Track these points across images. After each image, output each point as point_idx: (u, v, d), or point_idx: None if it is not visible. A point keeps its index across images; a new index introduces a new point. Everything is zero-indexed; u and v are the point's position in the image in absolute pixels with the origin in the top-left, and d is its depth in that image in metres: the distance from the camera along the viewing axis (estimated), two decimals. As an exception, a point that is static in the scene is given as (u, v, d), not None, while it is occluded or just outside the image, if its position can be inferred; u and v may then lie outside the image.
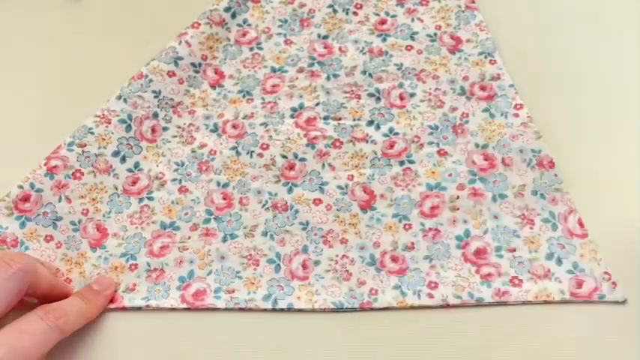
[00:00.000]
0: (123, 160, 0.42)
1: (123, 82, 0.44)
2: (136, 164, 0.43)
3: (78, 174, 0.41)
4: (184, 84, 0.46)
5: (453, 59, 0.47)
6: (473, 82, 0.46)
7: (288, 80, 0.47)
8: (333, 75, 0.47)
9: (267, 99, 0.46)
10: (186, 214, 0.41)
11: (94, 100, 0.44)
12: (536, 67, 0.47)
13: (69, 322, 0.33)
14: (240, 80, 0.47)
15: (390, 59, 0.48)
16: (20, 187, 0.39)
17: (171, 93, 0.45)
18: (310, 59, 0.48)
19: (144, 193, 0.42)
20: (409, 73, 0.47)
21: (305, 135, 0.44)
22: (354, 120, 0.45)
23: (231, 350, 0.36)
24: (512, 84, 0.45)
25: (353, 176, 0.42)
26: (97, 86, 0.45)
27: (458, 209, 0.41)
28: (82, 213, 0.40)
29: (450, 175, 0.42)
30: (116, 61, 0.48)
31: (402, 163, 0.43)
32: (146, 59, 0.46)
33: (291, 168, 0.43)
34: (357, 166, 0.43)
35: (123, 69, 0.45)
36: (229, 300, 0.37)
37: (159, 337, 0.37)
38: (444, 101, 0.45)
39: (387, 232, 0.40)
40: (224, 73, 0.48)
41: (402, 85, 0.46)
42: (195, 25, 0.48)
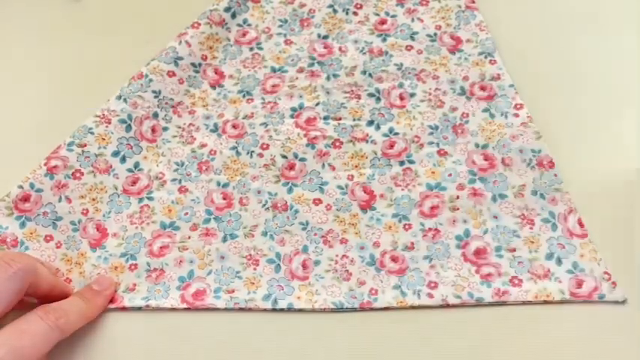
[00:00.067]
0: (123, 160, 0.42)
1: (123, 82, 0.44)
2: (136, 164, 0.43)
3: (78, 174, 0.41)
4: (184, 84, 0.46)
5: (453, 59, 0.47)
6: (473, 82, 0.46)
7: (288, 80, 0.47)
8: (333, 75, 0.47)
9: (267, 99, 0.46)
10: (186, 214, 0.41)
11: (94, 100, 0.44)
12: (536, 67, 0.47)
13: (69, 322, 0.33)
14: (240, 80, 0.47)
15: (390, 59, 0.48)
16: (20, 187, 0.39)
17: (171, 93, 0.45)
18: (310, 59, 0.48)
19: (144, 193, 0.42)
20: (409, 73, 0.47)
21: (305, 135, 0.44)
22: (354, 120, 0.45)
23: (231, 350, 0.36)
24: (512, 84, 0.45)
25: (353, 176, 0.42)
26: (97, 86, 0.45)
27: (458, 209, 0.41)
28: (82, 213, 0.40)
29: (450, 175, 0.42)
30: (116, 61, 0.48)
31: (402, 163, 0.43)
32: (146, 59, 0.46)
33: (291, 168, 0.43)
34: (357, 166, 0.43)
35: (123, 69, 0.45)
36: (229, 300, 0.37)
37: (159, 337, 0.37)
38: (444, 101, 0.45)
39: (387, 232, 0.40)
40: (224, 73, 0.48)
41: (402, 85, 0.46)
42: (195, 25, 0.48)
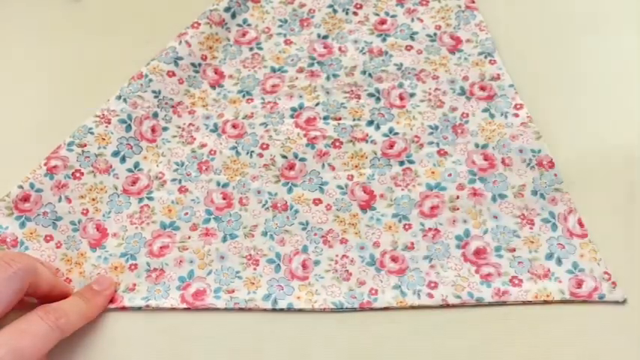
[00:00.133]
0: (123, 160, 0.42)
1: (123, 82, 0.44)
2: (136, 164, 0.43)
3: (78, 174, 0.41)
4: (184, 84, 0.46)
5: (452, 59, 0.47)
6: (473, 82, 0.46)
7: (288, 80, 0.47)
8: (333, 75, 0.47)
9: (267, 99, 0.46)
10: (186, 214, 0.41)
11: (94, 100, 0.44)
12: (536, 67, 0.47)
13: (69, 322, 0.33)
14: (240, 80, 0.47)
15: (390, 59, 0.48)
16: (20, 187, 0.39)
17: (171, 93, 0.45)
18: (310, 59, 0.48)
19: (144, 193, 0.42)
20: (409, 73, 0.47)
21: (305, 135, 0.44)
22: (353, 120, 0.45)
23: (231, 350, 0.36)
24: (512, 84, 0.45)
25: (353, 176, 0.42)
26: (97, 86, 0.45)
27: (458, 209, 0.41)
28: (82, 213, 0.40)
29: (450, 175, 0.42)
30: (116, 61, 0.48)
31: (401, 163, 0.43)
32: (146, 59, 0.46)
33: (291, 168, 0.43)
34: (356, 166, 0.43)
35: (123, 69, 0.45)
36: (229, 300, 0.37)
37: (159, 337, 0.37)
38: (443, 101, 0.45)
39: (387, 232, 0.40)
40: (224, 73, 0.48)
41: (401, 85, 0.46)
42: (195, 25, 0.48)
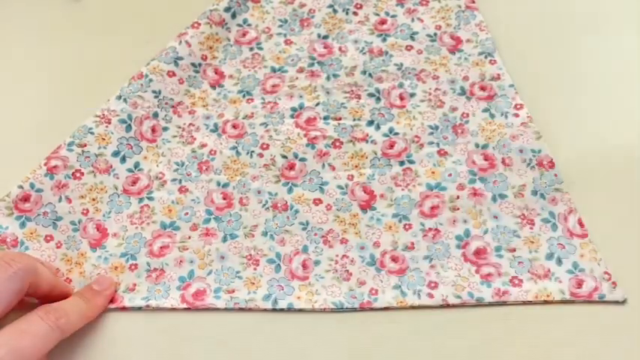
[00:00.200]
0: (123, 160, 0.42)
1: (123, 82, 0.44)
2: (136, 164, 0.43)
3: (78, 174, 0.41)
4: (184, 84, 0.46)
5: (453, 59, 0.47)
6: (473, 82, 0.46)
7: (288, 80, 0.47)
8: (333, 75, 0.47)
9: (267, 99, 0.46)
10: (187, 214, 0.41)
11: (94, 100, 0.44)
12: (536, 67, 0.47)
13: (69, 323, 0.33)
14: (240, 80, 0.47)
15: (390, 59, 0.48)
16: (20, 187, 0.39)
17: (172, 93, 0.45)
18: (310, 59, 0.48)
19: (144, 193, 0.42)
20: (409, 73, 0.47)
21: (305, 135, 0.44)
22: (354, 120, 0.45)
23: (231, 350, 0.36)
24: (512, 84, 0.45)
25: (353, 176, 0.42)
26: (97, 86, 0.45)
27: (458, 209, 0.41)
28: (82, 213, 0.40)
29: (450, 175, 0.42)
30: (116, 61, 0.48)
31: (402, 163, 0.43)
32: (146, 59, 0.46)
33: (291, 168, 0.43)
34: (357, 166, 0.43)
35: (123, 69, 0.45)
36: (229, 300, 0.37)
37: (159, 337, 0.37)
38: (444, 101, 0.45)
39: (387, 232, 0.40)
40: (224, 73, 0.48)
41: (402, 85, 0.46)
42: (195, 25, 0.48)
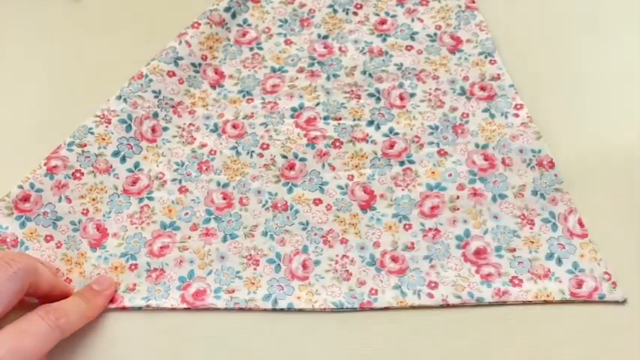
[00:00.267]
0: (123, 160, 0.42)
1: (123, 82, 0.44)
2: (136, 164, 0.43)
3: (78, 174, 0.41)
4: (184, 84, 0.46)
5: (453, 59, 0.47)
6: (473, 82, 0.46)
7: (288, 80, 0.47)
8: (333, 75, 0.47)
9: (267, 99, 0.46)
10: (187, 214, 0.41)
11: (94, 100, 0.44)
12: (536, 67, 0.47)
13: (70, 322, 0.33)
14: (240, 80, 0.47)
15: (390, 59, 0.48)
16: (20, 187, 0.39)
17: (172, 93, 0.45)
18: (310, 59, 0.48)
19: (144, 193, 0.42)
20: (409, 73, 0.47)
21: (305, 135, 0.44)
22: (354, 120, 0.45)
23: (231, 350, 0.36)
24: (512, 84, 0.45)
25: (353, 176, 0.42)
26: (97, 86, 0.45)
27: (458, 209, 0.41)
28: (82, 213, 0.40)
29: (450, 175, 0.42)
30: (116, 61, 0.48)
31: (402, 163, 0.43)
32: (146, 59, 0.46)
33: (291, 168, 0.43)
34: (357, 166, 0.43)
35: (123, 69, 0.45)
36: (229, 300, 0.37)
37: (159, 337, 0.37)
38: (444, 101, 0.45)
39: (387, 232, 0.40)
40: (224, 73, 0.48)
41: (402, 85, 0.46)
42: (195, 25, 0.48)
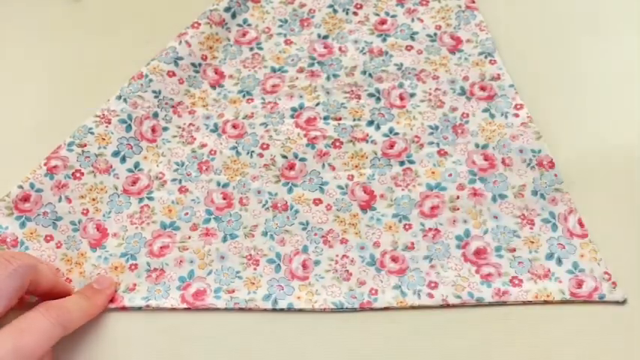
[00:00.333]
0: (123, 160, 0.42)
1: (123, 82, 0.44)
2: (136, 164, 0.43)
3: (78, 174, 0.41)
4: (184, 84, 0.46)
5: (453, 59, 0.47)
6: (473, 82, 0.46)
7: (288, 80, 0.47)
8: (333, 75, 0.47)
9: (267, 99, 0.46)
10: (187, 214, 0.41)
11: (94, 100, 0.44)
12: (536, 67, 0.47)
13: (71, 319, 0.33)
14: (240, 80, 0.47)
15: (390, 59, 0.48)
16: (20, 187, 0.39)
17: (172, 93, 0.45)
18: (310, 59, 0.48)
19: (144, 193, 0.42)
20: (409, 73, 0.47)
21: (305, 135, 0.44)
22: (354, 120, 0.45)
23: (231, 350, 0.36)
24: (512, 84, 0.45)
25: (353, 176, 0.42)
26: (97, 86, 0.45)
27: (458, 209, 0.41)
28: (82, 213, 0.40)
29: (450, 175, 0.42)
30: (116, 61, 0.48)
31: (402, 163, 0.43)
32: (146, 59, 0.46)
33: (291, 168, 0.43)
34: (357, 166, 0.43)
35: (123, 69, 0.45)
36: (229, 300, 0.37)
37: (159, 337, 0.37)
38: (444, 101, 0.45)
39: (387, 232, 0.40)
40: (224, 73, 0.48)
41: (402, 85, 0.46)
42: (195, 25, 0.48)
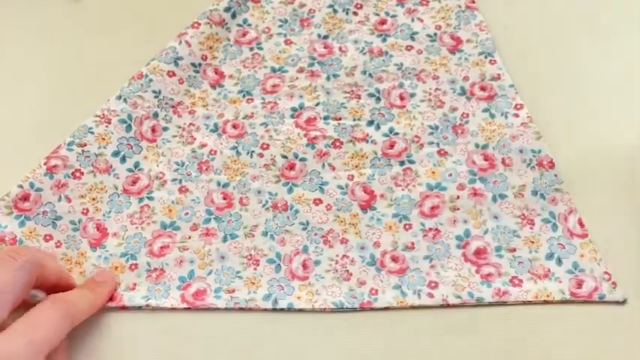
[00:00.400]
0: (123, 160, 0.42)
1: (123, 82, 0.44)
2: (136, 164, 0.43)
3: (78, 173, 0.41)
4: (184, 84, 0.46)
5: (453, 59, 0.47)
6: (473, 82, 0.46)
7: (288, 80, 0.47)
8: (333, 75, 0.47)
9: (268, 99, 0.46)
10: (187, 214, 0.41)
11: (94, 100, 0.43)
12: (536, 67, 0.47)
13: (79, 311, 0.33)
14: (240, 80, 0.47)
15: (390, 59, 0.48)
16: (20, 186, 0.39)
17: (172, 93, 0.45)
18: (310, 59, 0.48)
19: (144, 192, 0.42)
20: (409, 73, 0.47)
21: (305, 135, 0.44)
22: (354, 120, 0.45)
23: (231, 350, 0.36)
24: (512, 84, 0.45)
25: (353, 176, 0.42)
26: (97, 86, 0.45)
27: (458, 209, 0.41)
28: (82, 212, 0.40)
29: (450, 175, 0.42)
30: (116, 61, 0.48)
31: (402, 163, 0.43)
32: (146, 59, 0.46)
33: (292, 168, 0.43)
34: (357, 166, 0.43)
35: (123, 69, 0.45)
36: (229, 300, 0.37)
37: (159, 337, 0.37)
38: (444, 101, 0.45)
39: (387, 232, 0.40)
40: (224, 73, 0.48)
41: (402, 85, 0.46)
42: (195, 25, 0.48)
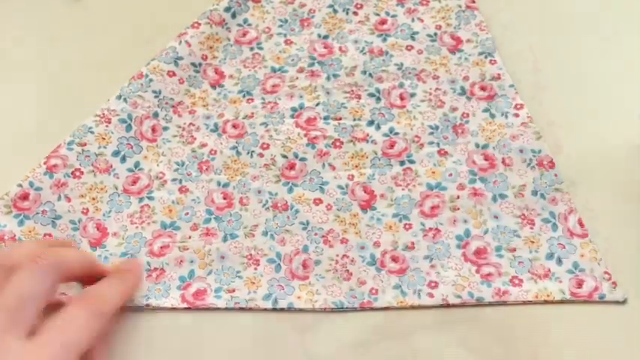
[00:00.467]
0: (123, 160, 0.42)
1: (123, 82, 0.44)
2: (136, 164, 0.43)
3: (77, 173, 0.41)
4: (184, 84, 0.46)
5: (453, 59, 0.47)
6: (473, 82, 0.46)
7: (288, 80, 0.47)
8: (333, 75, 0.47)
9: (268, 99, 0.46)
10: (187, 213, 0.41)
11: (94, 100, 0.43)
12: (536, 67, 0.47)
13: (108, 303, 0.33)
14: (241, 80, 0.47)
15: (391, 59, 0.48)
16: (19, 185, 0.39)
17: (172, 93, 0.45)
18: (310, 59, 0.48)
19: (144, 192, 0.42)
20: (409, 73, 0.47)
21: (305, 135, 0.44)
22: (354, 120, 0.45)
23: (232, 350, 0.36)
24: (512, 84, 0.45)
25: (353, 176, 0.42)
26: (97, 86, 0.45)
27: (458, 209, 0.41)
28: (82, 212, 0.40)
29: (451, 175, 0.42)
30: (116, 61, 0.48)
31: (402, 162, 0.43)
32: (146, 59, 0.46)
33: (292, 168, 0.43)
34: (357, 166, 0.43)
35: (123, 69, 0.45)
36: (229, 299, 0.37)
37: (159, 337, 0.37)
38: (444, 101, 0.45)
39: (388, 231, 0.40)
40: (224, 73, 0.48)
41: (402, 85, 0.46)
42: (195, 25, 0.48)
